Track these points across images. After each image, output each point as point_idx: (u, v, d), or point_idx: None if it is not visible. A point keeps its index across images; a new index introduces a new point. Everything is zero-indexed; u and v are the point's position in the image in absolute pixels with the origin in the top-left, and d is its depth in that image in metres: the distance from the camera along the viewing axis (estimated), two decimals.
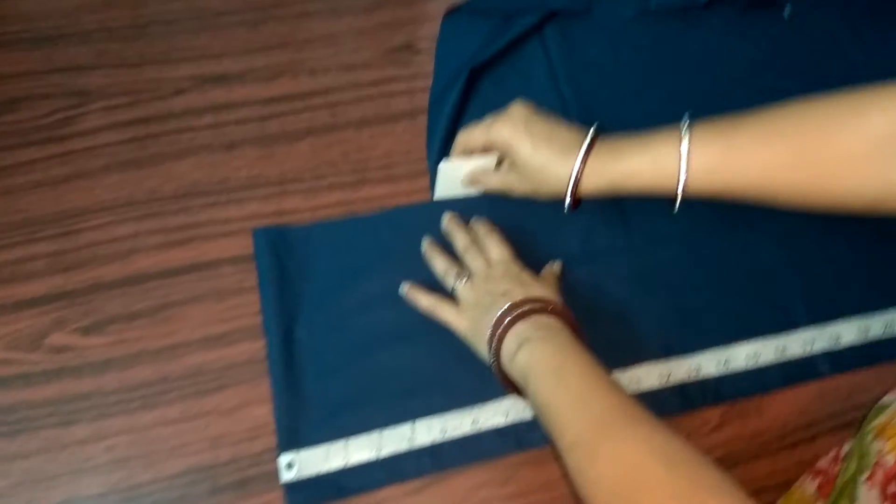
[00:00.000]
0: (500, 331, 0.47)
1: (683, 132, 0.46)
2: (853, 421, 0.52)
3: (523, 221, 0.59)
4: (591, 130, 0.50)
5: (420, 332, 0.54)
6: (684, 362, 0.53)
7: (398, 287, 0.56)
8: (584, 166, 0.48)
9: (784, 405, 0.53)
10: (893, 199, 0.44)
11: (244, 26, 0.68)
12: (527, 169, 0.51)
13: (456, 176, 0.58)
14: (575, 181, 0.49)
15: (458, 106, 0.64)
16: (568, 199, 0.50)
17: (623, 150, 0.49)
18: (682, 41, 0.70)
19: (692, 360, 0.54)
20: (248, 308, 0.55)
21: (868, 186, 0.44)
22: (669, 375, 0.53)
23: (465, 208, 0.59)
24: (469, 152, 0.56)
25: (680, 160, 0.46)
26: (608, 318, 0.56)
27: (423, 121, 0.64)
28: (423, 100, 0.65)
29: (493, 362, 0.48)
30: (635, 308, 0.56)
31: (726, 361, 0.53)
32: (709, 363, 0.53)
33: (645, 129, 0.50)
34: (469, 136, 0.55)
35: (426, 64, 0.67)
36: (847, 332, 0.54)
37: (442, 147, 0.62)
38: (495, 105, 0.64)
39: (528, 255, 0.57)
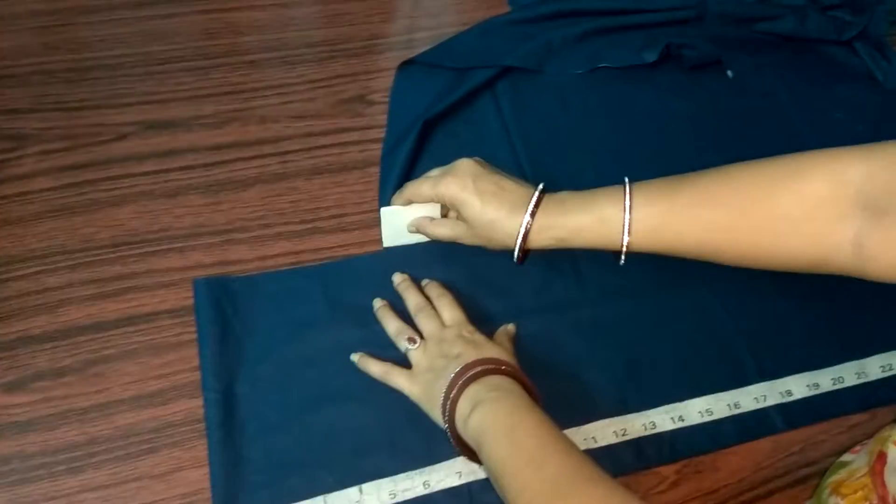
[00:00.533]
0: (453, 394, 0.46)
1: (627, 191, 0.48)
2: (808, 476, 0.52)
3: (475, 272, 0.58)
4: (539, 188, 0.51)
5: (369, 388, 0.52)
6: (639, 418, 0.53)
7: (347, 341, 0.54)
8: (531, 222, 0.50)
9: (739, 461, 0.52)
10: (834, 259, 0.45)
11: (193, 73, 0.67)
12: (476, 224, 0.52)
13: (400, 223, 0.57)
14: (523, 236, 0.50)
15: (411, 158, 0.63)
16: (517, 253, 0.51)
17: (569, 207, 0.50)
18: (629, 98, 0.72)
19: (647, 416, 0.53)
20: (186, 363, 0.52)
21: (809, 246, 0.45)
22: (625, 432, 0.52)
23: (416, 259, 0.58)
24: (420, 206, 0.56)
25: (623, 218, 0.48)
26: (562, 373, 0.55)
27: (375, 171, 0.63)
28: (376, 151, 0.65)
29: (447, 427, 0.46)
30: (589, 362, 0.55)
31: (680, 417, 0.53)
32: (663, 419, 0.53)
33: (591, 188, 0.52)
34: (416, 188, 0.55)
35: (379, 115, 0.67)
36: (797, 387, 0.54)
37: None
38: (449, 158, 0.64)
39: (480, 307, 0.56)
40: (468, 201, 0.51)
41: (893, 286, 0.58)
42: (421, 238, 0.59)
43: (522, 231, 0.50)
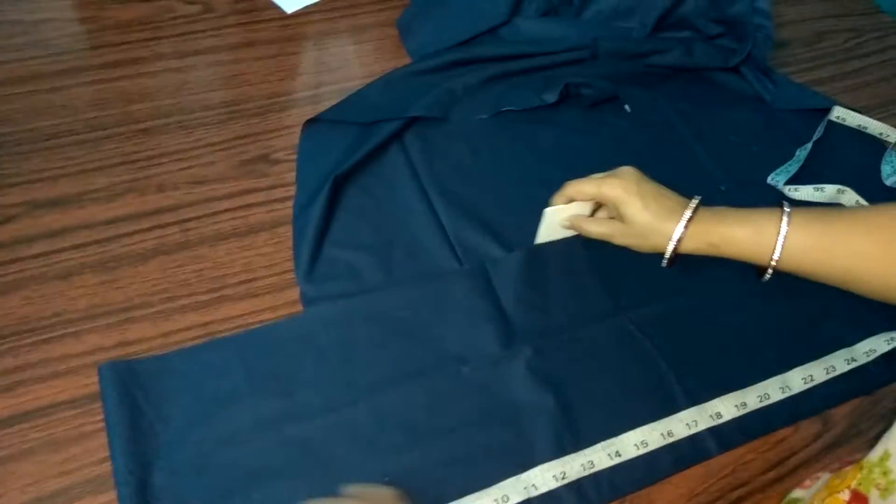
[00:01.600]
0: None
1: (785, 211, 0.51)
2: (741, 497, 0.52)
3: (399, 326, 0.57)
4: (697, 198, 0.55)
5: (296, 466, 0.49)
6: (577, 458, 0.52)
7: (269, 414, 0.51)
8: (688, 226, 0.53)
9: (673, 490, 0.52)
10: None
11: (82, 146, 0.65)
12: (634, 223, 0.55)
13: (555, 221, 0.61)
14: (678, 238, 0.54)
15: (325, 215, 0.62)
16: (670, 253, 0.55)
17: (726, 217, 0.54)
18: (534, 139, 0.74)
19: (585, 455, 0.52)
20: (90, 456, 0.48)
21: None
22: (564, 475, 0.51)
23: (338, 319, 0.56)
24: (571, 201, 0.59)
25: (778, 235, 0.50)
26: (497, 422, 0.53)
27: (284, 231, 0.62)
28: (284, 210, 0.63)
29: None
30: (523, 408, 0.54)
31: (617, 453, 0.52)
32: (600, 456, 0.52)
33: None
34: (580, 187, 0.58)
35: (284, 174, 0.66)
36: (725, 408, 0.55)
37: (311, 258, 0.60)
38: (365, 213, 0.64)
39: (406, 361, 0.55)
40: (630, 201, 0.54)
41: (808, 300, 0.60)
42: (567, 234, 0.62)
43: (679, 233, 0.53)
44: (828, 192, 0.70)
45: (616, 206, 0.56)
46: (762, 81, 0.82)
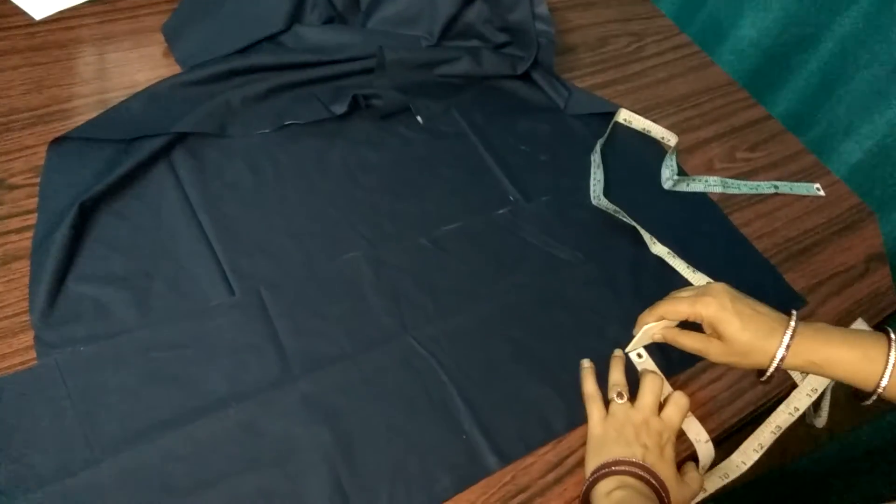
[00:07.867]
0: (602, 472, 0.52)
1: (892, 339, 0.52)
2: (524, 502, 0.54)
3: (155, 370, 0.54)
4: (794, 314, 0.56)
5: None
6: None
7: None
8: (790, 346, 0.54)
9: None
10: None
11: None
12: (733, 342, 0.56)
13: (649, 334, 0.61)
14: (781, 358, 0.54)
15: (68, 246, 0.58)
16: (770, 372, 0.55)
17: (830, 338, 0.54)
18: (322, 154, 0.73)
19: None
20: None
21: None
22: None
23: (80, 366, 0.52)
24: (667, 320, 0.60)
25: (888, 364, 0.51)
26: (266, 464, 0.51)
27: (20, 267, 0.57)
28: (21, 242, 0.58)
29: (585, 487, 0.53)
30: (297, 445, 0.53)
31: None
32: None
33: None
34: (673, 307, 0.59)
35: (23, 201, 0.61)
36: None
37: (50, 297, 0.55)
38: (120, 240, 0.60)
39: (166, 407, 0.52)
40: (728, 321, 0.55)
41: (586, 306, 0.63)
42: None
43: (781, 353, 0.54)
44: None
45: (713, 326, 0.57)
46: (556, 88, 0.86)
